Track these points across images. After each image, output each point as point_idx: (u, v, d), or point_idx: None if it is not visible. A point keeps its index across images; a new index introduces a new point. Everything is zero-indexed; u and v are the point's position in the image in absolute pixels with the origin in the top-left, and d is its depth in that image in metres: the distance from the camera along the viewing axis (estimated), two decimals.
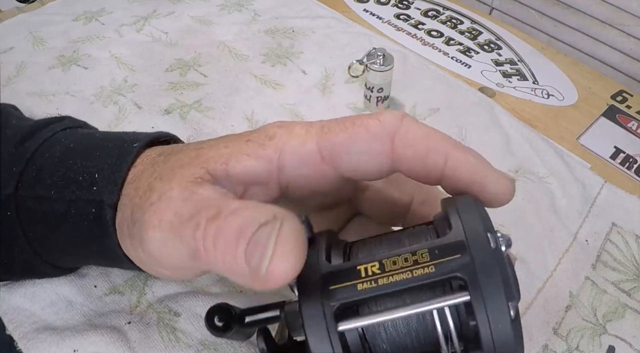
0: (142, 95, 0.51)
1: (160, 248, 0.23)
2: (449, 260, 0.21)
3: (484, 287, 0.20)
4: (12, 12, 0.60)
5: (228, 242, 0.21)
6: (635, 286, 0.40)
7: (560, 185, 0.46)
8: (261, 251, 0.20)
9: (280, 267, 0.19)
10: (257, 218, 0.20)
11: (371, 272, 0.21)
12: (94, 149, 0.29)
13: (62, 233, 0.28)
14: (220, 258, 0.21)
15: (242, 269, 0.20)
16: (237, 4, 0.63)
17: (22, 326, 0.32)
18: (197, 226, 0.22)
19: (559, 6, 0.66)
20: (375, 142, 0.24)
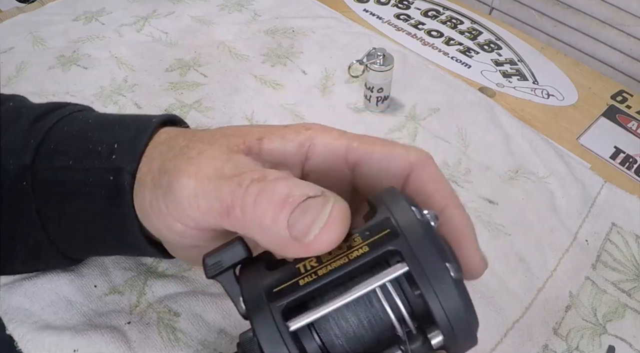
0: (142, 95, 0.51)
1: (190, 198, 0.24)
2: (380, 236, 0.21)
3: (418, 253, 0.20)
4: (12, 12, 0.60)
5: (271, 204, 0.22)
6: (635, 286, 0.40)
7: (560, 185, 0.46)
8: (311, 219, 0.21)
9: (327, 237, 0.21)
10: (305, 190, 0.22)
11: (310, 266, 0.22)
12: (113, 124, 0.30)
13: (77, 205, 0.28)
14: (257, 219, 0.22)
15: (280, 233, 0.22)
16: (237, 4, 0.63)
17: (22, 326, 0.32)
18: (239, 184, 0.23)
19: (559, 6, 0.66)
20: (394, 167, 0.26)
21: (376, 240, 0.21)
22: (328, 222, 0.21)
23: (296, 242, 0.21)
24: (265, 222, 0.22)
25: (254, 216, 0.22)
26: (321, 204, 0.21)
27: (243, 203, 0.22)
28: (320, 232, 0.21)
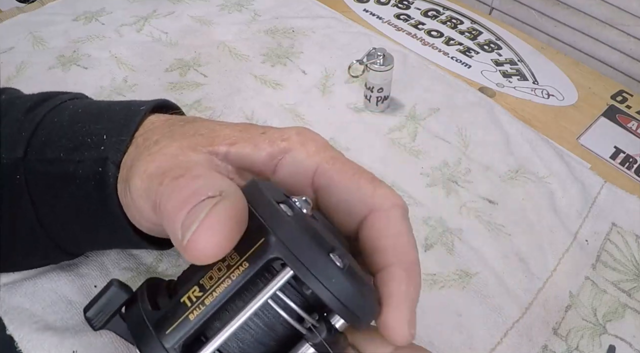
0: (142, 95, 0.51)
1: (138, 198, 0.24)
2: (257, 247, 0.20)
3: (298, 253, 0.20)
4: (12, 12, 0.60)
5: (176, 204, 0.21)
6: (635, 286, 0.40)
7: (560, 185, 0.46)
8: (194, 218, 0.20)
9: (202, 240, 0.19)
10: (207, 188, 0.21)
11: (194, 297, 0.21)
12: (102, 113, 0.30)
13: (69, 197, 0.28)
14: (165, 218, 0.21)
15: (176, 234, 0.20)
16: (237, 4, 0.63)
17: (23, 326, 0.32)
18: (160, 182, 0.22)
19: (559, 6, 0.66)
20: (356, 202, 0.24)
21: (254, 252, 0.20)
22: (205, 221, 0.19)
23: (181, 244, 0.20)
24: (169, 222, 0.21)
25: (163, 215, 0.21)
26: (211, 203, 0.20)
27: (160, 201, 0.22)
28: (196, 230, 0.19)
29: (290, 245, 0.20)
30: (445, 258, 0.40)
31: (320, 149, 0.26)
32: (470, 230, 0.42)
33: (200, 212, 0.20)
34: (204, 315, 0.20)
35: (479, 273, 0.39)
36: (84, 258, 0.37)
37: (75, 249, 0.34)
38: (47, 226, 0.30)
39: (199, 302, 0.21)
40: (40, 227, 0.30)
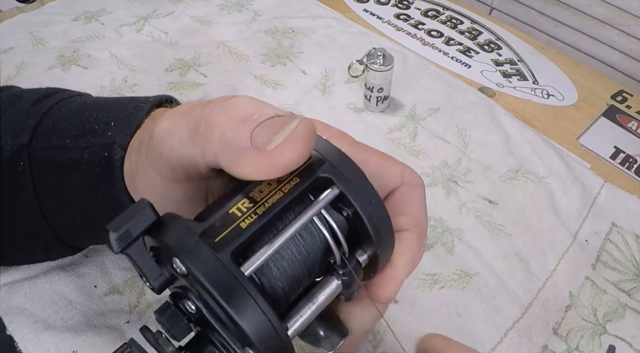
0: (142, 95, 0.50)
1: (166, 137, 0.23)
2: (308, 165, 0.21)
3: (347, 175, 0.21)
4: (12, 12, 0.60)
5: (234, 117, 0.21)
6: (635, 286, 0.40)
7: (560, 185, 0.46)
8: (275, 130, 0.20)
9: (289, 149, 0.20)
10: (274, 111, 0.22)
11: (245, 208, 0.21)
12: (110, 104, 0.30)
13: (73, 184, 0.28)
14: (218, 131, 0.21)
15: (240, 144, 0.20)
16: (237, 4, 0.63)
17: (23, 326, 0.32)
18: (207, 104, 0.22)
19: (559, 6, 0.66)
20: (388, 178, 0.26)
21: (305, 169, 0.21)
22: (292, 134, 0.20)
23: (256, 152, 0.20)
24: (227, 133, 0.21)
25: (215, 128, 0.21)
26: (287, 120, 0.21)
27: (207, 118, 0.22)
28: (283, 142, 0.20)
29: (338, 165, 0.22)
30: (445, 258, 0.40)
31: (341, 133, 0.27)
32: (470, 230, 0.42)
33: (279, 125, 0.21)
34: (256, 224, 0.20)
35: (479, 273, 0.39)
36: (84, 258, 0.37)
37: (77, 242, 0.33)
38: (49, 216, 0.30)
39: (251, 212, 0.20)
40: (42, 217, 0.30)
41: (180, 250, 0.19)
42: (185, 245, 0.19)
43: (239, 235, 0.20)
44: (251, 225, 0.20)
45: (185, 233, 0.19)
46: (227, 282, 0.18)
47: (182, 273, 0.19)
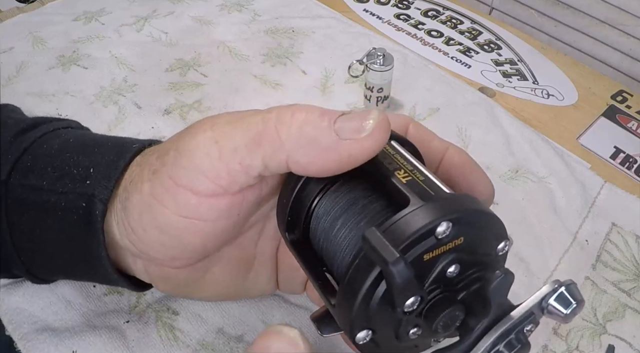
0: (142, 95, 0.51)
1: (209, 148, 0.23)
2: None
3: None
4: (12, 12, 0.60)
5: (310, 116, 0.22)
6: (635, 286, 0.40)
7: (560, 185, 0.46)
8: (361, 120, 0.22)
9: (379, 134, 0.22)
10: (339, 112, 0.23)
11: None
12: (93, 146, 0.29)
13: (49, 226, 0.28)
14: (297, 131, 0.22)
15: (324, 139, 0.22)
16: (237, 4, 0.63)
17: (22, 327, 0.32)
18: (268, 112, 0.23)
19: (559, 6, 0.66)
20: (393, 124, 0.26)
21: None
22: (380, 120, 0.22)
23: (347, 142, 0.21)
24: (307, 130, 0.22)
25: (292, 129, 0.22)
26: (366, 112, 0.22)
27: (278, 120, 0.22)
28: (376, 126, 0.21)
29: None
30: None
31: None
32: None
33: (361, 116, 0.22)
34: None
35: None
36: None
37: (49, 278, 0.33)
38: (23, 254, 0.29)
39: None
40: (15, 253, 0.29)
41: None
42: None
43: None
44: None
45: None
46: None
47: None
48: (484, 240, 0.23)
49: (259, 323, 0.34)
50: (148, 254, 0.27)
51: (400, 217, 0.20)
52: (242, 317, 0.34)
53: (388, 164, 0.24)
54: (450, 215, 0.20)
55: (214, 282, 0.30)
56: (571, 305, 0.22)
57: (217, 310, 0.34)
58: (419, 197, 0.21)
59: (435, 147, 0.28)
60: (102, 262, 0.27)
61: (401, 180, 0.23)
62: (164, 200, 0.24)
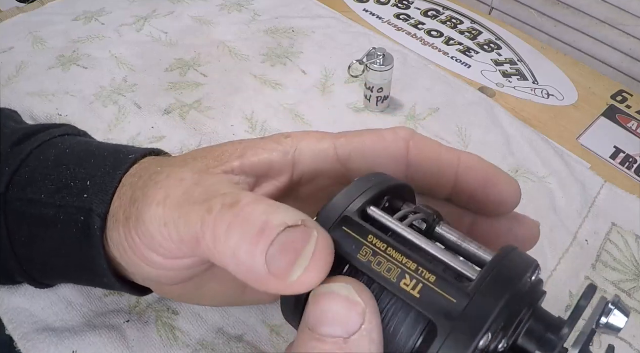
0: (142, 95, 0.51)
1: (160, 228, 0.22)
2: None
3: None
4: (12, 12, 0.60)
5: (246, 235, 0.20)
6: (635, 286, 0.40)
7: (560, 185, 0.46)
8: (293, 258, 0.19)
9: (311, 277, 0.19)
10: (281, 219, 0.20)
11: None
12: (89, 157, 0.29)
13: (48, 238, 0.28)
14: (230, 251, 0.20)
15: (257, 268, 0.19)
16: (237, 4, 0.63)
17: (22, 327, 0.32)
18: (209, 210, 0.21)
19: (559, 6, 0.66)
20: (390, 146, 0.25)
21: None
22: (312, 261, 0.19)
23: (276, 279, 0.19)
24: (240, 255, 0.20)
25: (226, 247, 0.20)
26: (302, 239, 0.19)
27: (214, 233, 0.20)
28: (304, 272, 0.19)
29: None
30: None
31: (323, 133, 0.26)
32: None
33: (296, 248, 0.19)
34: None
35: None
36: None
37: (49, 282, 0.33)
38: (22, 259, 0.29)
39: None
40: (15, 259, 0.29)
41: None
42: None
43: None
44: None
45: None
46: None
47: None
48: (522, 297, 0.20)
49: (259, 323, 0.34)
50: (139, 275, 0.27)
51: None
52: (242, 317, 0.34)
53: (386, 272, 0.20)
54: (484, 330, 0.18)
55: (212, 295, 0.29)
56: (626, 319, 0.21)
57: (217, 310, 0.34)
58: (441, 314, 0.18)
59: (446, 160, 0.25)
60: (103, 272, 0.27)
61: (412, 294, 0.19)
62: (134, 250, 0.24)
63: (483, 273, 0.19)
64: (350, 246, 0.20)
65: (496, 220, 0.26)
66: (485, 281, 0.19)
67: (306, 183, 0.27)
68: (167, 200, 0.22)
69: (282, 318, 0.34)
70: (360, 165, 0.25)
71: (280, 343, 0.33)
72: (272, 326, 0.34)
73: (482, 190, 0.25)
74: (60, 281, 0.33)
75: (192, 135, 0.47)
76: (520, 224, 0.27)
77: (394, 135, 0.25)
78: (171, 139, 0.47)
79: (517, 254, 0.20)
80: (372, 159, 0.25)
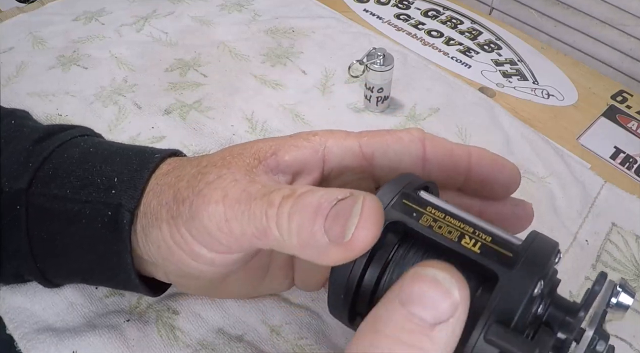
0: (142, 95, 0.51)
1: (220, 223, 0.23)
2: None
3: (506, 295, 0.21)
4: (12, 12, 0.60)
5: (304, 217, 0.22)
6: (635, 286, 0.40)
7: (560, 185, 0.46)
8: (345, 220, 0.21)
9: (364, 234, 0.21)
10: (333, 195, 0.22)
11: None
12: (114, 155, 0.29)
13: (71, 234, 0.28)
14: (294, 237, 0.22)
15: (318, 242, 0.21)
16: (237, 4, 0.63)
17: (23, 326, 0.32)
18: (270, 204, 0.22)
19: (559, 6, 0.66)
20: (409, 145, 0.28)
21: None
22: (361, 218, 0.21)
23: (336, 245, 0.21)
24: (303, 235, 0.22)
25: (290, 232, 0.22)
26: (350, 204, 0.21)
27: (279, 223, 0.22)
28: (356, 229, 0.21)
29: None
30: None
31: (347, 132, 0.28)
32: None
33: (346, 212, 0.21)
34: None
35: None
36: None
37: (63, 282, 0.33)
38: (40, 260, 0.29)
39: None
40: (32, 260, 0.29)
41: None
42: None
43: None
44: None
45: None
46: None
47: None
48: (553, 264, 0.24)
49: (259, 323, 0.34)
50: (164, 270, 0.28)
51: (503, 297, 0.20)
52: (242, 317, 0.34)
53: (447, 233, 0.23)
54: (539, 274, 0.21)
55: (231, 288, 0.31)
56: (632, 299, 0.23)
57: (218, 310, 0.34)
58: (502, 264, 0.21)
59: (459, 155, 0.28)
60: (126, 268, 0.28)
61: (473, 250, 0.22)
62: (182, 247, 0.25)
63: (527, 239, 0.23)
64: (411, 214, 0.23)
65: (501, 204, 0.30)
66: (532, 243, 0.22)
67: (334, 179, 0.28)
68: (225, 198, 0.24)
69: (282, 317, 0.34)
70: (383, 163, 0.28)
71: (281, 343, 0.33)
72: (272, 326, 0.34)
73: (492, 176, 0.28)
74: (74, 279, 0.33)
75: (192, 135, 0.47)
76: (519, 206, 0.30)
77: (409, 135, 0.28)
78: (171, 139, 0.47)
79: (544, 235, 0.24)
80: (393, 157, 0.28)
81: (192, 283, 0.30)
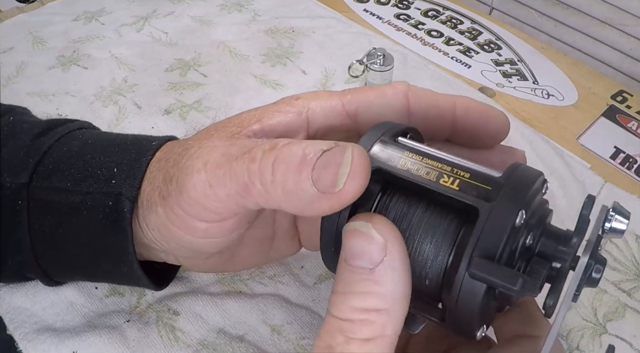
0: (142, 95, 0.51)
1: (205, 191, 0.23)
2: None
3: (488, 229, 0.21)
4: (12, 12, 0.60)
5: (289, 168, 0.21)
6: (635, 286, 0.40)
7: (560, 185, 0.46)
8: (335, 169, 0.21)
9: (356, 183, 0.21)
10: (318, 146, 0.22)
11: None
12: (112, 146, 0.30)
13: (73, 226, 0.28)
14: (279, 188, 0.22)
15: (306, 192, 0.21)
16: (237, 4, 0.63)
17: (23, 326, 0.32)
18: (252, 159, 0.22)
19: (559, 6, 0.66)
20: (392, 99, 0.28)
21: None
22: (352, 167, 0.21)
23: (326, 195, 0.21)
24: (289, 186, 0.22)
25: (275, 185, 0.22)
26: (339, 153, 0.21)
27: (261, 176, 0.22)
28: (348, 178, 0.21)
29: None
30: None
31: (329, 92, 0.28)
32: None
33: (336, 161, 0.21)
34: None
35: None
36: None
37: (63, 278, 0.33)
38: (41, 255, 0.29)
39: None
40: (33, 256, 0.29)
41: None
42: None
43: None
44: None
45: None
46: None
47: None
48: (536, 194, 0.23)
49: (260, 323, 0.34)
50: (173, 254, 0.29)
51: (484, 231, 0.21)
52: (242, 317, 0.34)
53: (426, 174, 0.23)
54: (519, 204, 0.21)
55: (242, 260, 0.31)
56: (627, 221, 0.23)
57: (218, 310, 0.34)
58: (481, 198, 0.21)
59: (443, 104, 0.28)
60: (128, 258, 0.28)
61: (452, 188, 0.22)
62: (177, 224, 0.25)
63: (507, 171, 0.22)
64: (389, 160, 0.23)
65: (491, 153, 0.29)
66: (512, 174, 0.22)
67: (320, 139, 0.28)
68: (206, 165, 0.24)
69: (282, 317, 0.35)
70: (367, 118, 0.28)
71: (282, 342, 0.33)
72: (273, 326, 0.34)
73: (480, 125, 0.28)
74: (75, 275, 0.33)
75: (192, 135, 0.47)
76: (509, 154, 0.30)
77: (393, 89, 0.28)
78: None
79: (526, 166, 0.23)
80: (377, 112, 0.28)
81: (202, 261, 0.30)
